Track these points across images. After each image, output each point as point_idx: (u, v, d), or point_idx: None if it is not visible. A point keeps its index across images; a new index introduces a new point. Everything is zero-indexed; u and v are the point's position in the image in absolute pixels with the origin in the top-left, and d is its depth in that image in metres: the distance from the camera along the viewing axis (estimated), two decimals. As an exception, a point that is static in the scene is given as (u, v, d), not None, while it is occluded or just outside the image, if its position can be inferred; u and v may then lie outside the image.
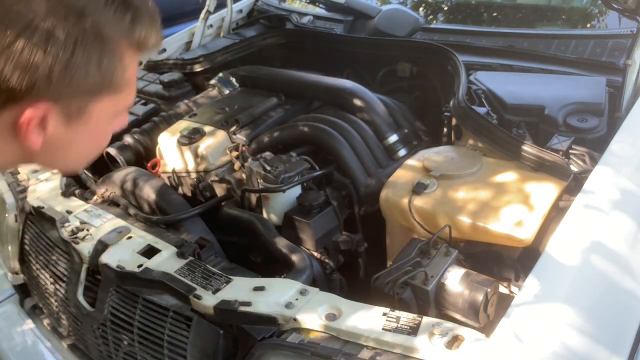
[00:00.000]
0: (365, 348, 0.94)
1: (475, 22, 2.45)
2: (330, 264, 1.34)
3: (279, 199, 1.43)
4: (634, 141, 1.30)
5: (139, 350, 1.23)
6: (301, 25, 2.36)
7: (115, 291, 1.27)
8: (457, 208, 1.24)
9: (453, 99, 1.52)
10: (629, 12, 1.46)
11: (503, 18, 2.42)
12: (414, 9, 2.47)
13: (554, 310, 0.93)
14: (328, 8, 2.44)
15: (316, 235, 1.35)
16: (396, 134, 1.61)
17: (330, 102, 1.72)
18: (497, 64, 1.76)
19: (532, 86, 1.58)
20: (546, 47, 1.85)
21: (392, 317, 0.97)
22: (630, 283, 1.04)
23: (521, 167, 1.31)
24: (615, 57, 1.70)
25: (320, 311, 1.02)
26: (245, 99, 1.78)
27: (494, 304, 1.06)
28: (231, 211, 1.49)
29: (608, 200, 1.13)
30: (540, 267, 1.00)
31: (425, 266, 1.09)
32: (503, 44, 1.91)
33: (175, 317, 1.15)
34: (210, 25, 2.44)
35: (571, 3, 2.41)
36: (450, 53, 1.70)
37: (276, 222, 1.44)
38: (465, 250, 1.21)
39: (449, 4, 2.60)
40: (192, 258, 1.23)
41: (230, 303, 1.06)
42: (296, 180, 1.41)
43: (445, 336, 0.91)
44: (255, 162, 1.47)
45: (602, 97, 1.47)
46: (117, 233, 1.34)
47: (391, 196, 1.33)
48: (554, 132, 1.39)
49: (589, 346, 0.91)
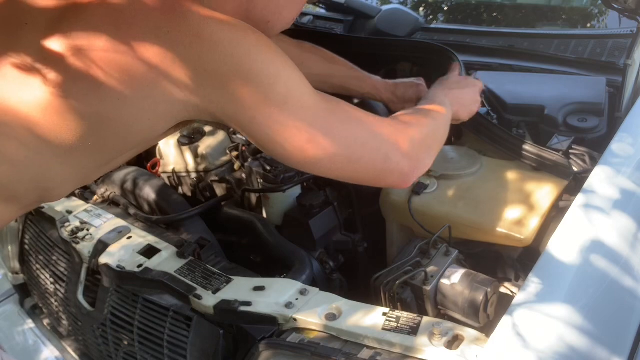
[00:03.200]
0: (365, 348, 0.94)
1: (475, 22, 2.45)
2: (330, 264, 1.34)
3: (279, 199, 1.43)
4: (634, 141, 1.30)
5: (139, 350, 1.23)
6: (301, 25, 2.36)
7: (115, 291, 1.27)
8: (457, 208, 1.24)
9: (453, 99, 1.52)
10: (629, 12, 1.46)
11: (503, 18, 2.42)
12: (414, 9, 2.47)
13: (554, 310, 0.93)
14: (328, 8, 2.43)
15: (316, 235, 1.35)
16: (396, 134, 1.60)
17: (330, 102, 1.72)
18: (497, 64, 1.76)
19: (532, 86, 1.57)
20: (546, 47, 1.85)
21: (392, 317, 0.97)
22: (630, 283, 1.04)
23: (521, 166, 1.31)
24: (615, 57, 1.70)
25: (320, 311, 1.02)
26: (245, 99, 1.78)
27: (494, 304, 1.06)
28: (231, 211, 1.49)
29: (608, 200, 1.13)
30: (540, 267, 1.00)
31: (425, 266, 1.09)
32: (503, 44, 1.91)
33: (175, 317, 1.15)
34: (210, 25, 2.44)
35: (571, 3, 2.41)
36: (450, 53, 1.70)
37: (276, 222, 1.44)
38: (465, 250, 1.21)
39: (449, 4, 2.60)
40: (192, 258, 1.24)
41: (230, 303, 1.06)
42: (296, 180, 1.41)
43: (445, 336, 0.91)
44: (255, 162, 1.47)
45: (602, 97, 1.47)
46: (117, 233, 1.34)
47: (391, 196, 1.33)
48: (554, 132, 1.39)
49: (589, 346, 0.91)
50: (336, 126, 0.88)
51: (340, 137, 0.88)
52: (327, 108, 0.88)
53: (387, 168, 0.94)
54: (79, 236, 1.36)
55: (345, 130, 0.89)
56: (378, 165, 0.93)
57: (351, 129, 0.90)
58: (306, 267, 1.25)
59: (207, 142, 1.61)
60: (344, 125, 0.89)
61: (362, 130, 0.91)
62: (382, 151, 0.93)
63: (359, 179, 0.97)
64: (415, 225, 1.26)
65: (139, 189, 1.53)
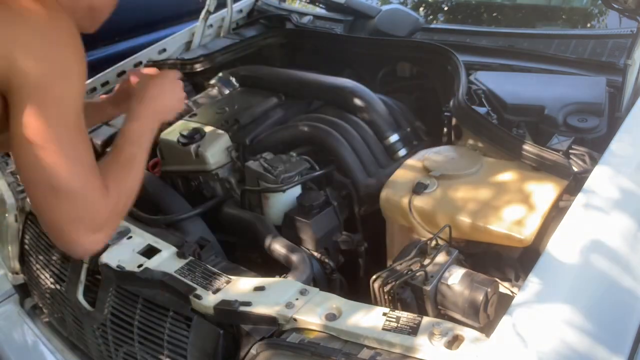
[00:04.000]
0: (365, 348, 0.94)
1: (475, 22, 2.45)
2: (330, 264, 1.34)
3: (279, 199, 1.43)
4: (634, 141, 1.30)
5: (139, 350, 1.23)
6: (301, 25, 2.36)
7: (115, 291, 1.27)
8: (457, 208, 1.24)
9: (453, 98, 1.52)
10: (629, 12, 1.46)
11: (503, 18, 2.42)
12: (414, 9, 2.47)
13: (554, 310, 0.93)
14: (328, 8, 2.44)
15: (316, 235, 1.35)
16: (396, 133, 1.61)
17: (331, 101, 1.72)
18: (497, 64, 1.76)
19: (532, 86, 1.58)
20: (546, 47, 1.84)
21: (392, 317, 0.97)
22: (630, 282, 1.04)
23: (521, 166, 1.31)
24: (615, 57, 1.70)
25: (320, 311, 1.02)
26: (246, 99, 1.78)
27: (494, 304, 1.06)
28: (231, 211, 1.49)
29: (608, 200, 1.13)
30: (540, 267, 1.00)
31: (425, 266, 1.09)
32: (503, 44, 1.91)
33: (175, 317, 1.15)
34: (210, 25, 2.44)
35: (571, 3, 2.40)
36: (450, 53, 1.70)
37: (276, 222, 1.44)
38: (465, 250, 1.21)
39: (449, 4, 2.60)
40: (192, 258, 1.24)
41: (230, 303, 1.06)
42: (296, 180, 1.41)
43: (445, 336, 0.91)
44: (255, 162, 1.47)
45: (602, 97, 1.47)
46: (117, 233, 1.34)
47: (391, 196, 1.33)
48: (554, 132, 1.39)
49: (589, 346, 0.91)
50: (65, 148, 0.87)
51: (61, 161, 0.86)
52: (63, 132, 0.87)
53: (78, 231, 0.89)
54: (79, 236, 1.36)
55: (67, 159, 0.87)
56: (65, 219, 0.88)
57: (70, 162, 0.87)
58: (306, 267, 1.25)
59: (207, 142, 1.61)
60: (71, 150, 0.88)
61: (76, 170, 0.88)
62: (78, 206, 0.88)
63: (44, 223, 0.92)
64: (415, 225, 1.26)
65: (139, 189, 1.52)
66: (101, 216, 0.91)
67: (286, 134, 1.60)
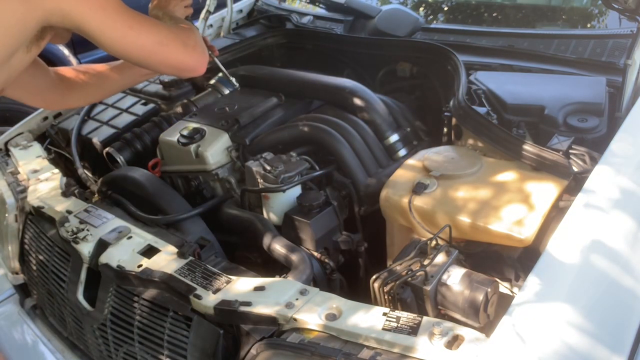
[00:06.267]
0: (365, 348, 0.94)
1: (475, 22, 2.45)
2: (330, 264, 1.34)
3: (279, 199, 1.43)
4: (634, 141, 1.30)
5: (139, 350, 1.23)
6: (301, 25, 2.36)
7: (115, 291, 1.27)
8: (457, 208, 1.24)
9: (453, 98, 1.52)
10: (629, 12, 1.46)
11: (503, 18, 2.42)
12: (414, 9, 2.47)
13: (554, 310, 0.93)
14: (328, 8, 2.44)
15: (316, 235, 1.35)
16: (396, 133, 1.61)
17: (331, 101, 1.72)
18: (497, 64, 1.76)
19: (532, 86, 1.58)
20: (546, 47, 1.84)
21: (392, 317, 0.97)
22: (630, 282, 1.04)
23: (521, 166, 1.31)
24: (615, 57, 1.70)
25: (320, 311, 1.02)
26: (245, 99, 1.79)
27: (494, 304, 1.06)
28: (231, 211, 1.49)
29: (608, 200, 1.13)
30: (541, 266, 1.00)
31: (425, 266, 1.09)
32: (503, 44, 1.91)
33: (175, 317, 1.15)
34: (210, 25, 2.44)
35: (571, 3, 2.40)
36: (450, 53, 1.71)
37: (276, 222, 1.44)
38: (465, 250, 1.21)
39: (449, 4, 2.60)
40: (192, 258, 1.24)
41: (230, 303, 1.06)
42: (296, 180, 1.41)
43: (445, 336, 0.91)
44: (255, 162, 1.47)
45: (602, 97, 1.47)
46: (117, 233, 1.34)
47: (391, 196, 1.33)
48: (554, 132, 1.39)
49: (589, 346, 0.91)
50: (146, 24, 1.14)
51: (149, 32, 1.14)
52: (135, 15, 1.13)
53: (187, 52, 1.20)
54: (79, 236, 1.36)
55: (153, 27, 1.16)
56: (180, 50, 1.19)
57: (157, 28, 1.16)
58: (306, 267, 1.25)
59: (207, 142, 1.61)
60: (152, 26, 1.15)
61: (164, 29, 1.18)
62: (179, 40, 1.19)
63: (165, 64, 1.19)
64: (415, 225, 1.26)
65: (139, 189, 1.52)
66: (194, 39, 1.23)
67: (286, 134, 1.60)
